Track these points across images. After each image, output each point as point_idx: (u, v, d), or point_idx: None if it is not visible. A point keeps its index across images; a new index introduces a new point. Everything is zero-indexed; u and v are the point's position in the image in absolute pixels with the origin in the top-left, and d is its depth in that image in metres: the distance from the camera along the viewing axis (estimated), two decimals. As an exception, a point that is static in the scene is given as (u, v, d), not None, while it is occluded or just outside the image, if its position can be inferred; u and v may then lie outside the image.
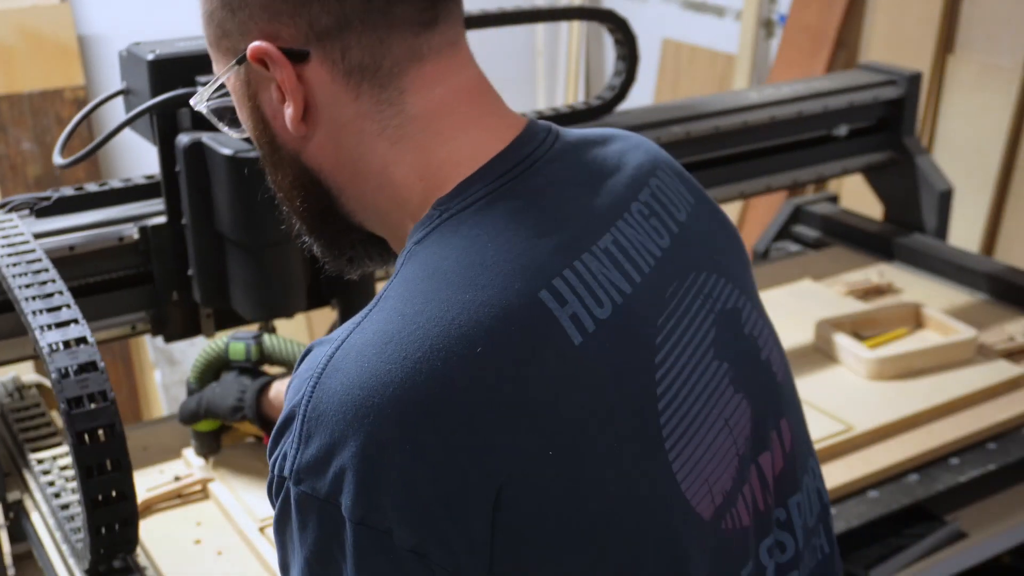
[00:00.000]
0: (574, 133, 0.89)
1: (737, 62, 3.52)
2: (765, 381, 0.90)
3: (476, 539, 0.70)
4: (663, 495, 0.77)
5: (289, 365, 1.47)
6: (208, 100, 0.88)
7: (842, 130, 2.15)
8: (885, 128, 2.20)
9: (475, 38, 2.74)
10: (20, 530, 1.42)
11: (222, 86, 0.86)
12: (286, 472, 0.73)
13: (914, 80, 2.16)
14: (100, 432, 1.12)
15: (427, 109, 0.80)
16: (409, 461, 0.69)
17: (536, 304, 0.74)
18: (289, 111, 0.80)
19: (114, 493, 1.15)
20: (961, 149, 2.86)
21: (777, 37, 3.41)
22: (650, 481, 0.76)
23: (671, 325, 0.81)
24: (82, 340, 1.15)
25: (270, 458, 0.75)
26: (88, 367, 1.13)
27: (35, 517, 1.40)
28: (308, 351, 0.76)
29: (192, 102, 0.89)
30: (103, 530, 1.16)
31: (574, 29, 4.05)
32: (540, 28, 4.08)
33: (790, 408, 0.94)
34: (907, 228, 2.18)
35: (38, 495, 1.42)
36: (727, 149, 1.96)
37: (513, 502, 0.70)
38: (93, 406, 1.12)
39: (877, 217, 2.27)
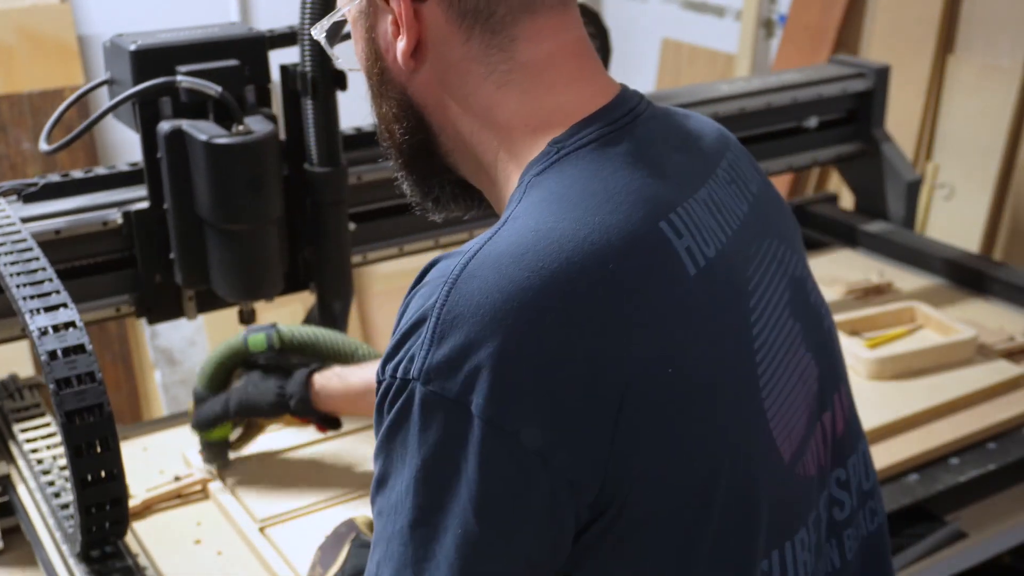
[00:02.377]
0: (658, 105, 0.93)
1: (737, 62, 3.51)
2: (828, 347, 0.96)
3: (598, 445, 0.74)
4: (755, 430, 0.82)
5: (309, 351, 1.44)
6: (327, 30, 0.94)
7: (812, 122, 2.18)
8: (854, 120, 2.24)
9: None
10: (7, 504, 1.43)
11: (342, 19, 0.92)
12: (412, 374, 0.74)
13: (882, 73, 2.20)
14: (89, 412, 1.13)
15: (536, 59, 0.84)
16: (543, 363, 0.72)
17: (657, 232, 0.78)
18: (401, 44, 0.85)
19: (103, 473, 1.16)
20: (961, 149, 2.86)
21: (777, 37, 3.41)
22: (746, 414, 0.81)
23: (757, 279, 0.87)
24: (71, 324, 1.16)
25: (386, 367, 0.76)
26: (76, 349, 1.14)
27: (21, 490, 1.40)
28: (433, 264, 0.79)
29: (313, 32, 0.94)
30: (93, 510, 1.17)
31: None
32: (540, 28, 4.08)
33: (845, 378, 1.01)
34: (876, 218, 2.24)
35: (25, 470, 1.43)
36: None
37: (633, 411, 0.74)
38: (81, 387, 1.13)
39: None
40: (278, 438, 1.57)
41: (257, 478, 1.46)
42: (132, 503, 1.34)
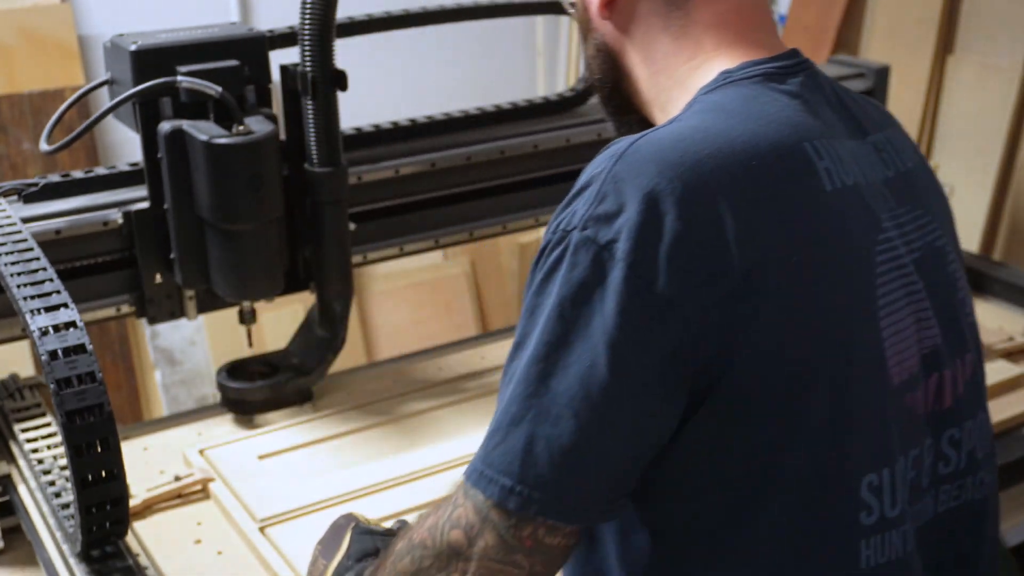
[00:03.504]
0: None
1: (737, 62, 3.51)
2: (957, 315, 1.03)
3: (720, 306, 0.84)
4: (868, 335, 0.91)
5: None
6: None
7: None
8: None
9: (474, 38, 2.75)
10: (8, 504, 1.43)
11: None
12: (574, 223, 0.87)
13: (882, 73, 2.19)
14: (89, 412, 1.13)
15: (708, 17, 0.99)
16: (683, 227, 0.84)
17: (801, 149, 0.91)
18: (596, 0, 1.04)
19: (104, 473, 1.16)
20: (961, 149, 2.86)
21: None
22: (860, 317, 0.91)
23: (890, 226, 0.96)
24: (71, 324, 1.17)
25: (549, 229, 0.90)
26: (77, 349, 1.15)
27: (22, 489, 1.40)
28: (607, 147, 0.92)
29: None
30: (94, 509, 1.17)
31: (574, 29, 4.05)
32: (540, 28, 4.08)
33: (975, 349, 1.06)
34: None
35: (26, 470, 1.43)
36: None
37: (756, 285, 0.85)
38: (82, 387, 1.13)
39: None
40: (278, 438, 1.57)
41: (257, 478, 1.47)
42: (132, 503, 1.34)
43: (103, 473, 1.16)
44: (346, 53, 1.65)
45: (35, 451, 1.43)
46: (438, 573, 0.92)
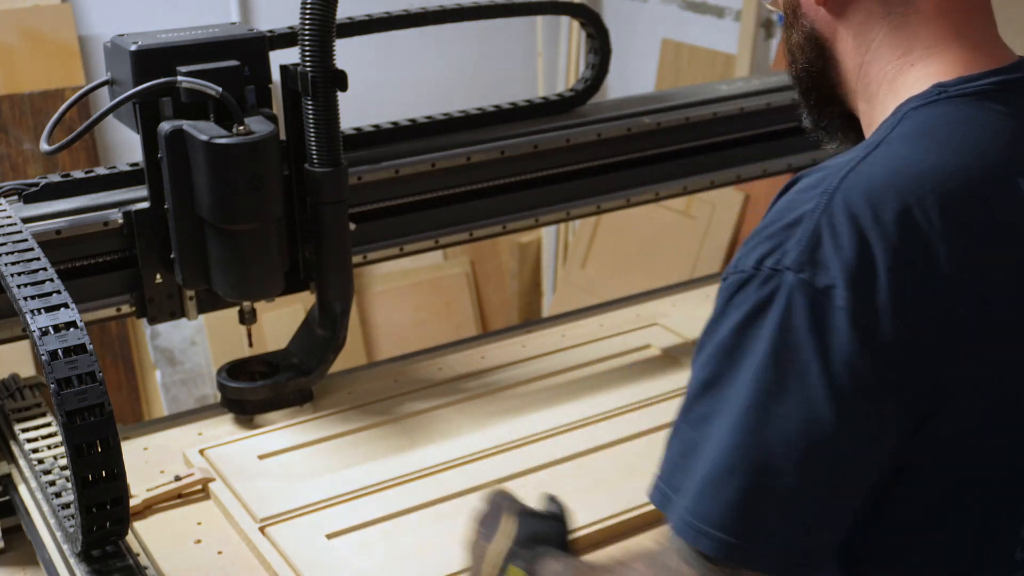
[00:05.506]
0: None
1: (737, 62, 3.51)
2: None
3: (938, 353, 0.84)
4: None
5: None
6: None
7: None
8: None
9: (474, 38, 2.76)
10: (8, 504, 1.43)
11: None
12: (787, 263, 0.84)
13: None
14: (90, 412, 1.14)
15: (933, 8, 0.95)
16: (901, 274, 0.83)
17: (1013, 187, 0.89)
18: None
19: (104, 472, 1.16)
20: (961, 149, 2.86)
21: (777, 37, 3.41)
22: None
23: None
24: (72, 324, 1.17)
25: (747, 260, 0.86)
26: (77, 349, 1.15)
27: (23, 489, 1.40)
28: (797, 179, 0.91)
29: None
30: (94, 509, 1.18)
31: (574, 29, 4.05)
32: (540, 29, 4.08)
33: None
34: None
35: (26, 470, 1.43)
36: (697, 140, 1.97)
37: (970, 331, 0.85)
38: (82, 386, 1.13)
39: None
40: (278, 438, 1.57)
41: (257, 478, 1.47)
42: (133, 503, 1.34)
43: (103, 473, 1.16)
44: (346, 53, 1.65)
45: (35, 451, 1.44)
46: None
